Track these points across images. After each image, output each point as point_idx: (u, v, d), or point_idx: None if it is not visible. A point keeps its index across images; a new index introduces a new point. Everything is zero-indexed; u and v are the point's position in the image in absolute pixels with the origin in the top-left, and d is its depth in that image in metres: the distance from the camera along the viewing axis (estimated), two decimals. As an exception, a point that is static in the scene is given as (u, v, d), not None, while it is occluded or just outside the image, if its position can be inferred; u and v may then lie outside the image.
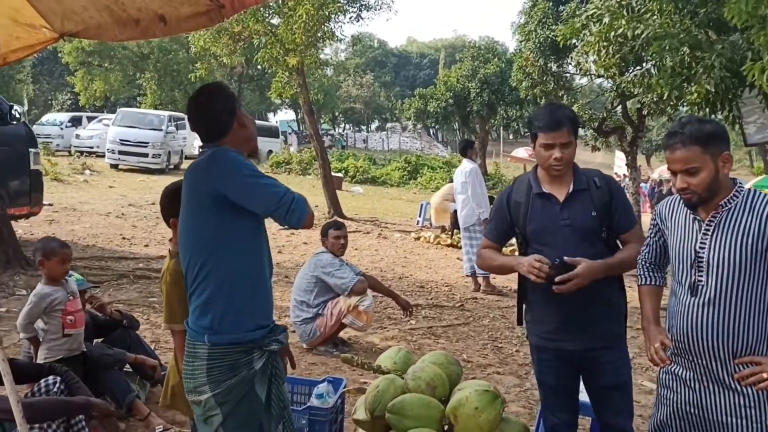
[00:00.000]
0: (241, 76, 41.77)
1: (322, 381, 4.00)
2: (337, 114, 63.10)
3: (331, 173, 17.76)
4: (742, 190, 2.51)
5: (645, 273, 2.88)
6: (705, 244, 2.51)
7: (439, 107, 33.66)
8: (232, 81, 41.36)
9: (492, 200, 3.35)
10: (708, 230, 2.51)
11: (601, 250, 2.96)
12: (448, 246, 12.62)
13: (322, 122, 53.96)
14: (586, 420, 3.75)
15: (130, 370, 4.58)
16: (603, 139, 18.57)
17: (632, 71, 12.03)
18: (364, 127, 67.53)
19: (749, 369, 2.45)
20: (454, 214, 11.10)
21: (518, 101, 28.04)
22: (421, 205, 16.33)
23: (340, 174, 25.69)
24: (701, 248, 2.51)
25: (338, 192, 17.83)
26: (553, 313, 2.99)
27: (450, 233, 12.96)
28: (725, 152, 2.46)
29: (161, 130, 23.60)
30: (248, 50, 22.75)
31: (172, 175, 21.34)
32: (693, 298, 2.53)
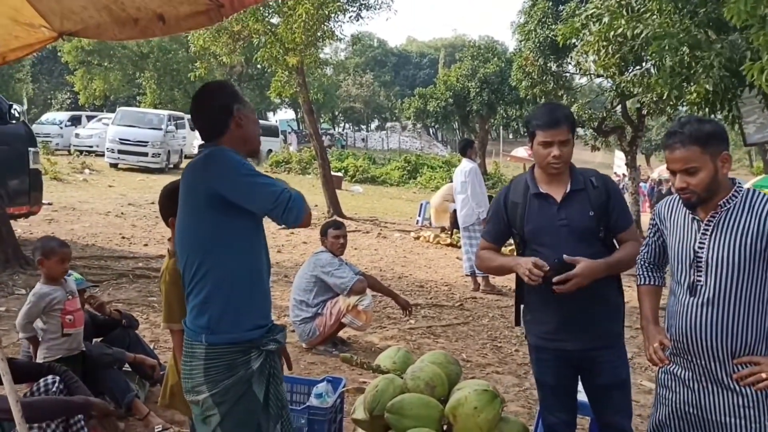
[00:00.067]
0: (240, 75, 41.78)
1: (322, 380, 4.00)
2: (336, 113, 63.12)
3: (331, 173, 17.76)
4: (741, 190, 2.51)
5: (644, 273, 2.89)
6: (704, 244, 2.51)
7: (439, 107, 33.66)
8: (232, 80, 41.33)
9: (491, 200, 3.35)
10: (707, 230, 2.51)
11: (599, 249, 2.96)
12: (448, 245, 12.62)
13: (321, 121, 53.95)
14: (585, 420, 3.75)
15: (129, 369, 4.57)
16: (603, 139, 18.60)
17: (632, 71, 12.04)
18: (364, 127, 67.52)
19: (748, 369, 2.45)
20: (454, 214, 11.10)
21: (518, 101, 28.02)
22: (421, 204, 16.33)
23: (339, 173, 25.69)
24: (700, 248, 2.52)
25: (338, 191, 17.82)
26: (552, 313, 2.99)
27: (449, 233, 12.96)
28: (724, 152, 2.46)
29: (161, 129, 23.57)
30: (248, 49, 22.76)
31: (172, 174, 21.33)
32: (692, 298, 2.53)
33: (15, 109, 8.72)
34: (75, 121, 30.01)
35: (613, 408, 3.04)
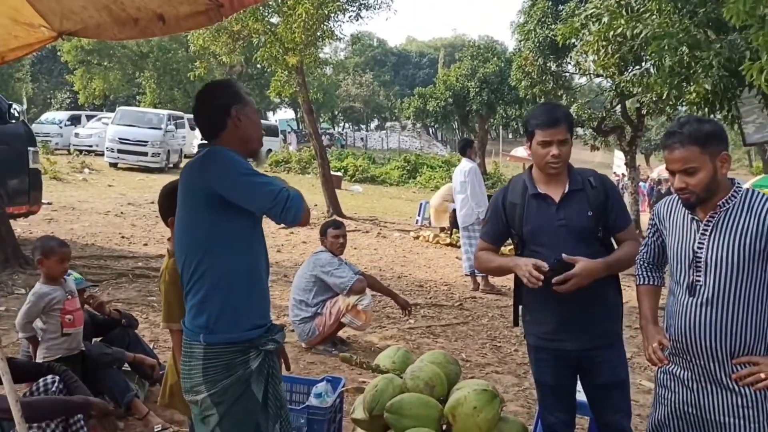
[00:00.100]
0: (240, 74, 41.74)
1: (321, 380, 4.00)
2: (336, 113, 63.09)
3: (331, 172, 17.76)
4: (740, 190, 2.51)
5: (643, 273, 2.89)
6: (703, 244, 2.51)
7: (439, 106, 33.63)
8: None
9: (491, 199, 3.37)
10: (706, 230, 2.51)
11: (597, 249, 2.96)
12: (447, 245, 12.62)
13: (321, 121, 53.90)
14: (585, 420, 3.75)
15: (129, 369, 4.57)
16: (602, 139, 18.64)
17: (631, 71, 12.06)
18: (364, 126, 67.50)
19: (747, 369, 2.45)
20: (453, 213, 11.10)
21: (517, 100, 28.00)
22: (420, 204, 16.33)
23: (339, 173, 25.69)
24: (699, 248, 2.52)
25: (337, 191, 17.82)
26: (551, 313, 2.99)
27: (449, 232, 12.96)
28: (723, 152, 2.46)
29: (160, 128, 23.56)
30: (247, 49, 22.79)
31: (172, 173, 21.32)
32: (691, 298, 2.53)
33: (14, 109, 8.72)
34: (74, 120, 29.98)
35: (613, 408, 3.04)
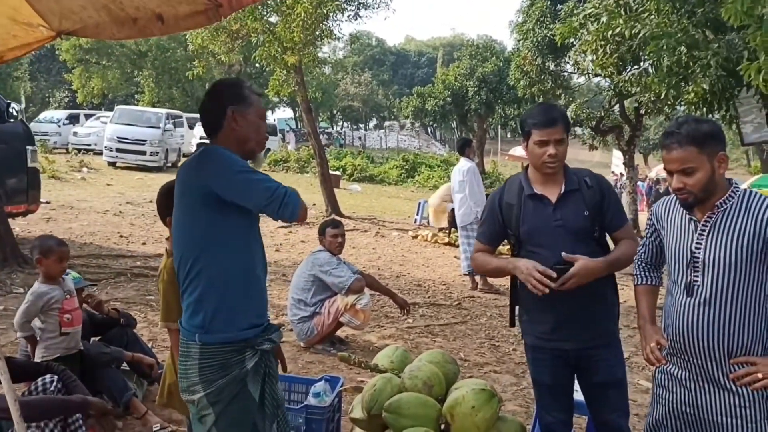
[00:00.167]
0: (239, 74, 41.62)
1: (320, 379, 4.01)
2: (335, 112, 63.05)
3: (329, 171, 17.75)
4: (737, 191, 2.52)
5: (641, 273, 2.90)
6: (701, 244, 2.52)
7: (437, 106, 33.61)
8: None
9: (488, 199, 3.40)
10: (704, 231, 2.51)
11: (594, 249, 2.97)
12: (446, 244, 12.62)
13: (319, 120, 53.90)
14: (583, 419, 3.76)
15: (128, 368, 4.58)
16: (600, 138, 18.66)
17: (630, 70, 12.08)
18: (362, 126, 67.49)
19: (744, 369, 2.46)
20: (452, 213, 11.10)
21: (516, 100, 28.00)
22: (419, 203, 16.33)
23: (337, 172, 25.68)
24: (697, 248, 2.52)
25: (336, 190, 17.82)
26: (549, 313, 2.99)
27: (447, 232, 12.97)
28: (721, 152, 2.47)
29: (159, 127, 23.54)
30: (246, 48, 22.74)
31: (170, 173, 21.30)
32: (689, 298, 2.54)
33: (13, 108, 8.72)
34: (73, 119, 29.92)
35: (610, 406, 3.04)
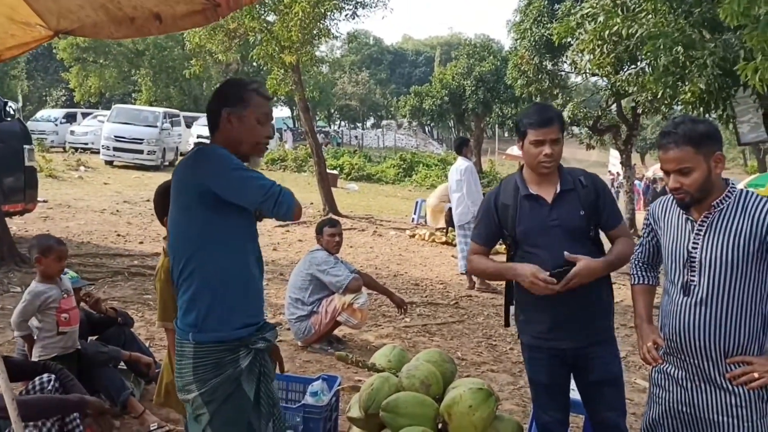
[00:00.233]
0: (236, 73, 41.63)
1: (317, 379, 4.02)
2: (332, 111, 62.98)
3: (327, 170, 17.74)
4: (734, 191, 2.53)
5: (638, 272, 2.91)
6: (697, 244, 2.52)
7: (435, 105, 33.58)
8: (228, 78, 41.23)
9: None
10: (700, 230, 2.52)
11: (590, 249, 2.99)
12: (443, 244, 12.62)
13: (317, 119, 53.87)
14: (580, 418, 3.77)
15: (125, 367, 4.58)
16: (598, 138, 18.67)
17: (627, 70, 12.10)
18: (360, 125, 67.45)
19: (740, 369, 2.47)
20: (449, 212, 11.11)
21: (513, 99, 27.97)
22: (416, 202, 16.33)
23: (335, 171, 25.66)
24: (694, 248, 2.53)
25: (333, 189, 17.80)
26: (546, 312, 2.99)
27: (445, 231, 12.97)
28: (718, 152, 2.48)
29: (156, 126, 23.48)
30: (244, 47, 22.69)
31: (167, 171, 21.27)
32: (685, 298, 2.55)
33: (10, 107, 8.72)
34: (70, 118, 29.84)
35: (606, 405, 3.04)
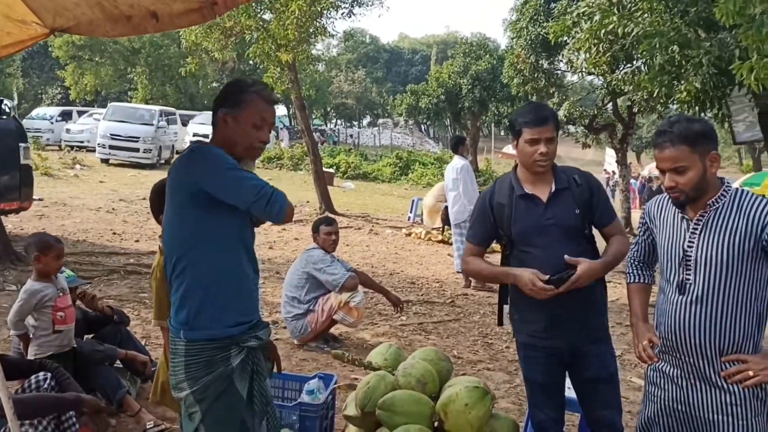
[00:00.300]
0: (232, 71, 41.61)
1: (313, 377, 4.01)
2: (328, 109, 62.94)
3: (323, 169, 17.74)
4: (729, 190, 2.54)
5: (634, 271, 2.92)
6: (693, 242, 2.53)
7: (431, 103, 33.62)
8: (224, 76, 41.22)
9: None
10: (696, 229, 2.53)
11: (585, 247, 3.00)
12: (439, 242, 12.64)
13: (313, 118, 53.82)
14: (576, 417, 3.78)
15: (121, 366, 4.57)
16: (593, 136, 18.71)
17: (622, 69, 12.13)
18: (356, 123, 67.42)
19: (735, 367, 2.48)
20: (445, 211, 11.12)
21: (509, 98, 28.03)
22: (413, 201, 16.33)
23: (331, 169, 25.65)
24: (689, 247, 2.54)
25: (329, 188, 17.78)
26: (541, 311, 2.99)
27: (441, 230, 12.98)
28: (713, 151, 2.49)
29: (152, 124, 23.44)
30: (240, 45, 22.66)
31: (163, 170, 21.21)
32: (681, 296, 2.56)
33: (5, 105, 8.70)
34: (66, 116, 29.77)
35: (601, 402, 3.05)
